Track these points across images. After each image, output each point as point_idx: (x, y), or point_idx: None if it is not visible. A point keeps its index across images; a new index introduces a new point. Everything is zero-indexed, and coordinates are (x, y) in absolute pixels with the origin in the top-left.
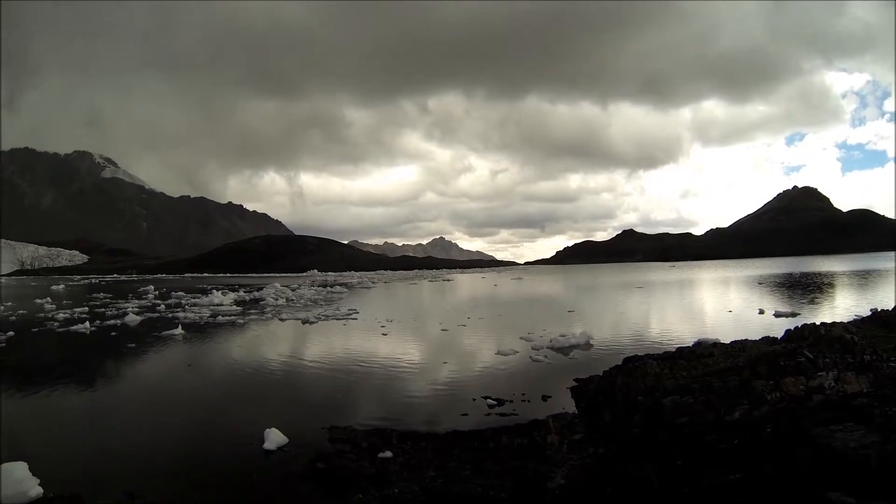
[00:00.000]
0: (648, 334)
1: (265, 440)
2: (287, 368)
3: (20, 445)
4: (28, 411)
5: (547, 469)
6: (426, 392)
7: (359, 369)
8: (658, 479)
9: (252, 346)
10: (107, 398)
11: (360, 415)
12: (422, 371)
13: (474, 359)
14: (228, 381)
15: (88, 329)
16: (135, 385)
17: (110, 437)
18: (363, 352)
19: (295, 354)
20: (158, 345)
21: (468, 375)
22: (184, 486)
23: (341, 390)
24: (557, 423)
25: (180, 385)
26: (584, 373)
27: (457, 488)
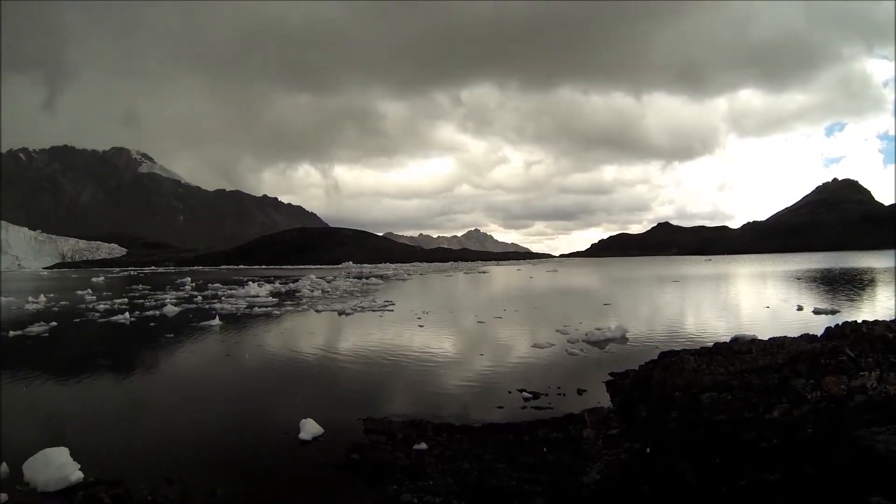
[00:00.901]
0: (684, 329)
1: (301, 430)
2: (322, 359)
3: (61, 431)
4: (69, 399)
5: (582, 463)
6: (461, 384)
7: (394, 361)
8: (695, 476)
9: (288, 337)
10: (146, 387)
11: (396, 406)
12: (457, 363)
13: (510, 351)
14: (265, 371)
15: (128, 320)
16: (173, 374)
17: (149, 424)
18: (399, 343)
19: (330, 345)
20: (196, 335)
21: (504, 368)
22: (221, 474)
23: (376, 381)
24: (593, 418)
25: (218, 375)
26: (620, 367)
27: (492, 481)
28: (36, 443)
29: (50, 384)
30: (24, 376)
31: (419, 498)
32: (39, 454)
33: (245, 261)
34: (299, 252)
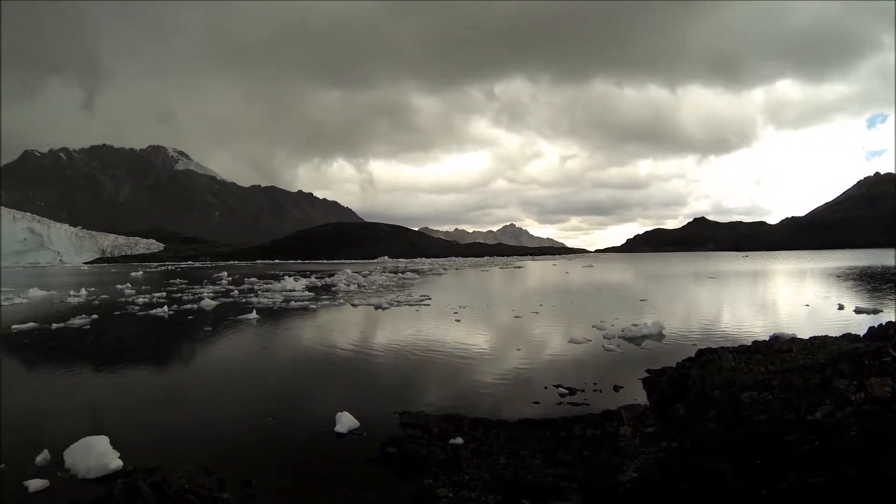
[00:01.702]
0: (721, 326)
1: (337, 423)
2: (359, 353)
3: (101, 420)
4: (109, 389)
5: (619, 461)
6: (498, 378)
7: (430, 355)
8: (735, 477)
9: (324, 331)
10: (183, 378)
11: (431, 400)
12: (494, 357)
13: (546, 346)
14: (301, 364)
15: (166, 313)
16: (210, 366)
17: (187, 415)
18: (435, 337)
19: (367, 339)
20: (234, 329)
21: (540, 363)
22: (257, 465)
23: (412, 375)
24: (629, 415)
25: (254, 367)
26: (656, 364)
27: (528, 477)
28: (77, 431)
29: (90, 374)
30: (66, 367)
31: (455, 492)
32: (80, 442)
33: (280, 255)
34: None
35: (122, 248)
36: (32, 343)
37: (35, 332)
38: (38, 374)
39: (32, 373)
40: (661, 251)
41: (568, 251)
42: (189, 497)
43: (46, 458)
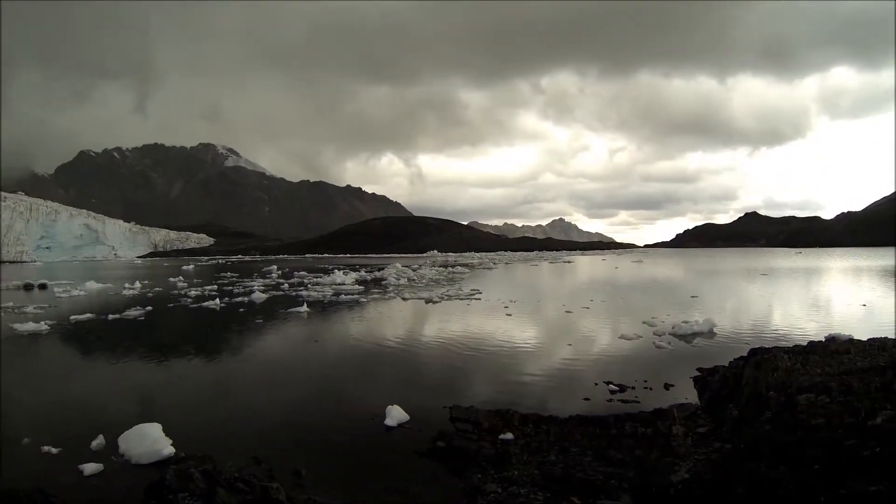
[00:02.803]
0: (773, 325)
1: (387, 416)
2: (409, 346)
3: (154, 408)
4: (163, 378)
5: (671, 461)
6: (548, 374)
7: (481, 349)
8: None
9: (375, 325)
10: (235, 369)
11: (482, 395)
12: (544, 352)
13: (597, 342)
14: (352, 357)
15: (218, 305)
16: (261, 358)
17: (238, 405)
18: (486, 332)
19: (417, 333)
20: (284, 321)
21: (590, 359)
22: (308, 456)
23: (463, 369)
24: (681, 414)
25: (305, 359)
26: (707, 362)
27: (577, 475)
28: (131, 418)
29: (145, 364)
30: (122, 356)
31: (503, 488)
32: (134, 429)
33: (330, 250)
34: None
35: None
36: (90, 333)
37: (92, 323)
38: (94, 363)
39: (89, 361)
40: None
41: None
42: (239, 485)
43: (101, 443)
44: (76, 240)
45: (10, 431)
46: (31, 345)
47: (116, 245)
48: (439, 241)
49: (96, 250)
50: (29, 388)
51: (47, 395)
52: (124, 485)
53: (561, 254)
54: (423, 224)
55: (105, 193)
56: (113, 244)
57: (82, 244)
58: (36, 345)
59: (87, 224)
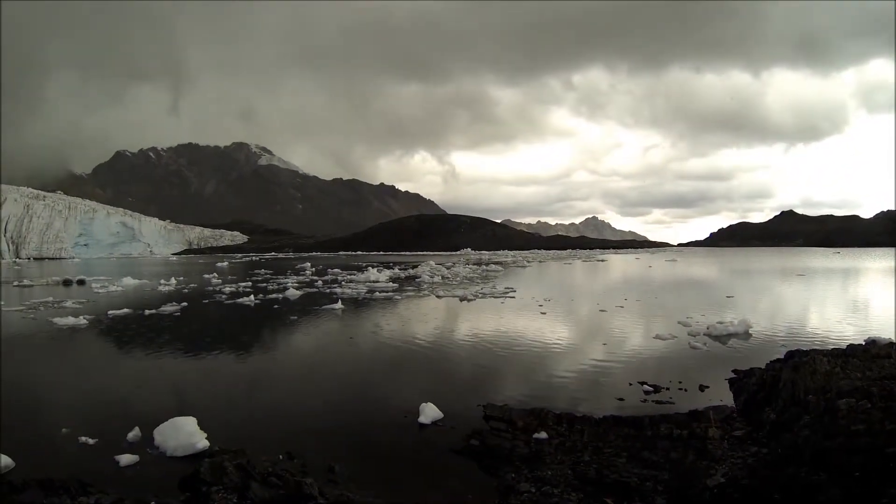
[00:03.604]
0: (811, 327)
1: (420, 414)
2: (443, 344)
3: (189, 402)
4: (197, 372)
5: (707, 464)
6: (582, 373)
7: (515, 347)
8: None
9: (409, 322)
10: (269, 365)
11: (515, 393)
12: (578, 351)
13: (631, 342)
14: (386, 354)
15: (253, 302)
16: (296, 354)
17: (272, 400)
18: (520, 330)
19: (451, 331)
20: (319, 318)
21: (624, 358)
22: (341, 452)
23: (497, 368)
24: (717, 416)
25: (339, 356)
26: (743, 364)
27: (611, 476)
28: (166, 411)
29: (180, 358)
30: (158, 350)
31: (537, 488)
32: (169, 422)
33: (363, 247)
34: (417, 239)
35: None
36: (126, 327)
37: (129, 318)
38: (131, 357)
39: (126, 355)
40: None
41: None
42: (273, 480)
43: (137, 435)
44: (113, 237)
45: (50, 422)
46: (70, 338)
47: (152, 242)
48: (473, 239)
49: (132, 247)
50: (68, 380)
51: (85, 388)
52: (159, 476)
53: (594, 252)
54: (456, 222)
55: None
56: (148, 241)
57: (119, 241)
58: (75, 338)
59: (124, 222)
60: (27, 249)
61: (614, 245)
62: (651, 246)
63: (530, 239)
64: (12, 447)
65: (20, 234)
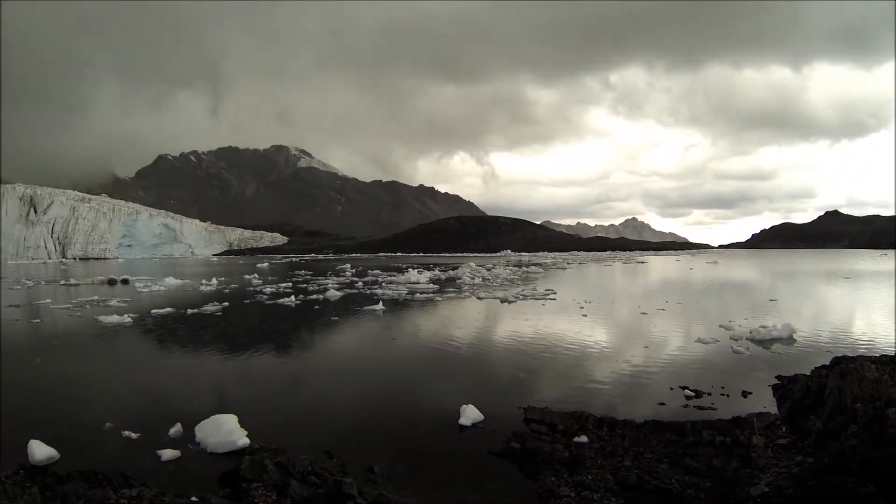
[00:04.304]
0: (857, 332)
1: (461, 416)
2: (484, 346)
3: (230, 400)
4: (238, 371)
5: (750, 473)
6: (623, 377)
7: (556, 350)
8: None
9: (450, 323)
10: (310, 364)
11: (556, 396)
12: (619, 354)
13: (672, 345)
14: (426, 355)
15: (293, 302)
16: (337, 354)
17: (312, 399)
18: (561, 332)
19: (492, 332)
20: (360, 319)
21: (665, 362)
22: (381, 452)
23: (538, 370)
24: (761, 424)
25: (380, 356)
26: (787, 370)
27: (652, 482)
28: (207, 408)
29: (221, 357)
30: (199, 349)
31: (577, 492)
32: (211, 419)
33: (403, 249)
34: (457, 240)
35: (248, 241)
36: (169, 326)
37: (172, 316)
38: (173, 354)
39: (169, 353)
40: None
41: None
42: (312, 478)
43: (179, 431)
44: (155, 238)
45: (94, 416)
46: (115, 336)
47: (193, 243)
48: (513, 241)
49: (174, 248)
50: (112, 376)
51: (129, 384)
52: (200, 472)
53: (634, 254)
54: (496, 223)
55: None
56: (190, 242)
57: (161, 242)
58: (119, 336)
59: (166, 223)
60: (73, 250)
61: (654, 247)
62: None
63: (570, 240)
64: (58, 440)
65: (66, 235)
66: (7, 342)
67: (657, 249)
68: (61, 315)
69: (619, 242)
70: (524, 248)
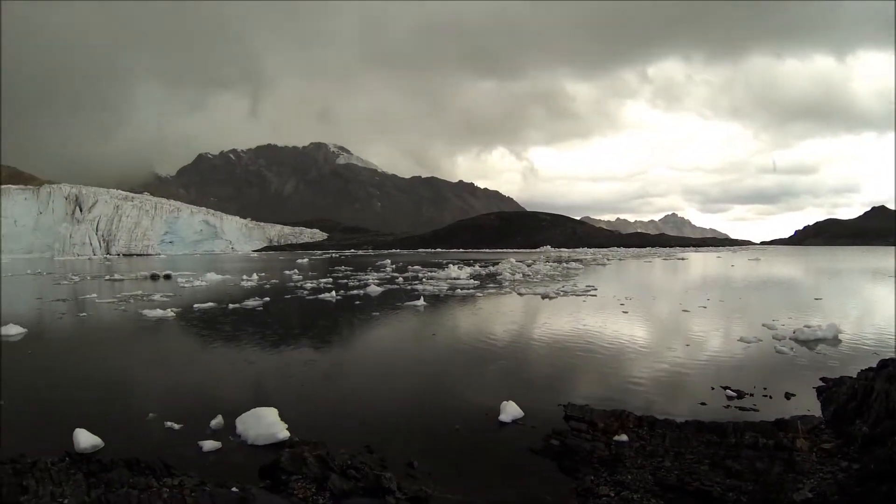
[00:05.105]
0: None
1: (501, 412)
2: (525, 342)
3: (271, 393)
4: (279, 365)
5: (794, 477)
6: (663, 375)
7: (597, 346)
8: None
9: (491, 319)
10: (350, 359)
11: (595, 393)
12: (660, 353)
13: (714, 344)
14: (467, 350)
15: (334, 298)
16: (377, 349)
17: (353, 394)
18: (602, 329)
19: (533, 328)
20: (401, 314)
21: (707, 361)
22: (420, 447)
23: (577, 367)
24: (805, 427)
25: (421, 352)
26: (832, 372)
27: (693, 484)
28: (248, 401)
29: (262, 351)
30: (241, 343)
31: (616, 492)
32: (251, 411)
33: (443, 244)
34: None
35: (287, 237)
36: (211, 320)
37: (213, 311)
38: (215, 348)
39: (211, 346)
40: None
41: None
42: (352, 472)
43: (220, 423)
44: (196, 235)
45: (137, 406)
46: (158, 329)
47: (233, 240)
48: (552, 237)
49: (215, 244)
50: (155, 368)
51: (172, 376)
52: (240, 463)
53: (674, 250)
54: (535, 219)
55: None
56: (230, 239)
57: (202, 239)
58: (162, 330)
59: (207, 220)
60: (117, 246)
61: (694, 243)
62: (732, 244)
63: (610, 236)
64: (102, 429)
65: (110, 232)
66: (55, 335)
67: (697, 246)
68: (107, 309)
69: (658, 238)
70: (564, 243)
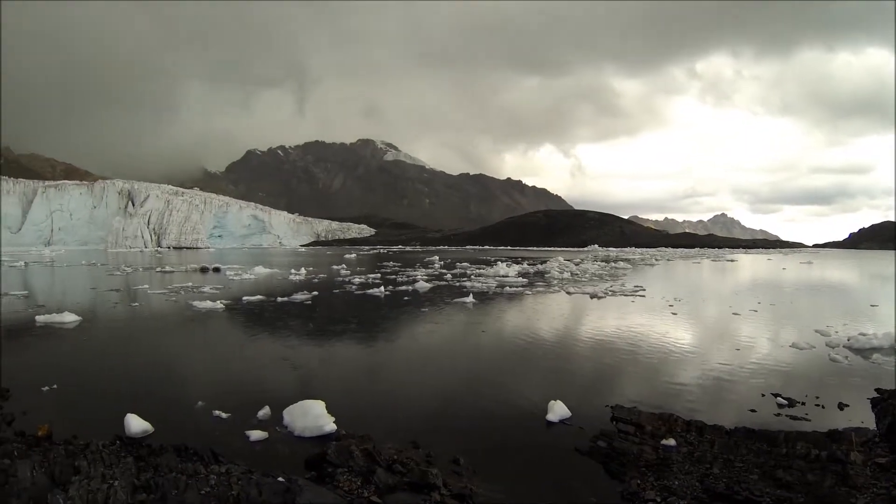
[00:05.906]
0: None
1: (549, 411)
2: (573, 341)
3: (318, 386)
4: (327, 358)
5: (846, 492)
6: (711, 379)
7: (644, 348)
8: None
9: (539, 317)
10: (398, 355)
11: (643, 395)
12: (709, 356)
13: (765, 349)
14: (515, 348)
15: (383, 293)
16: (425, 346)
17: (400, 389)
18: (650, 330)
19: (581, 328)
20: (450, 311)
21: (757, 367)
22: (467, 444)
23: (625, 368)
24: (859, 439)
25: (469, 348)
26: (888, 383)
27: (742, 493)
28: (296, 393)
29: (310, 344)
30: (289, 336)
31: (662, 497)
32: (299, 403)
33: (491, 242)
34: (544, 234)
35: (335, 232)
36: (260, 313)
37: (262, 304)
38: (264, 340)
39: (259, 338)
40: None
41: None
42: (398, 467)
43: (267, 414)
44: (245, 229)
45: (187, 395)
46: (208, 320)
47: (281, 234)
48: (599, 236)
49: (263, 239)
50: (205, 358)
51: (221, 366)
52: (286, 454)
53: (723, 252)
54: (583, 218)
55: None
56: (278, 233)
57: (250, 233)
58: (212, 321)
59: (255, 215)
60: (167, 240)
61: (744, 244)
62: (783, 246)
63: (657, 236)
64: (153, 415)
65: (161, 225)
66: (108, 323)
67: (747, 247)
68: (158, 300)
69: (707, 239)
70: (611, 243)
